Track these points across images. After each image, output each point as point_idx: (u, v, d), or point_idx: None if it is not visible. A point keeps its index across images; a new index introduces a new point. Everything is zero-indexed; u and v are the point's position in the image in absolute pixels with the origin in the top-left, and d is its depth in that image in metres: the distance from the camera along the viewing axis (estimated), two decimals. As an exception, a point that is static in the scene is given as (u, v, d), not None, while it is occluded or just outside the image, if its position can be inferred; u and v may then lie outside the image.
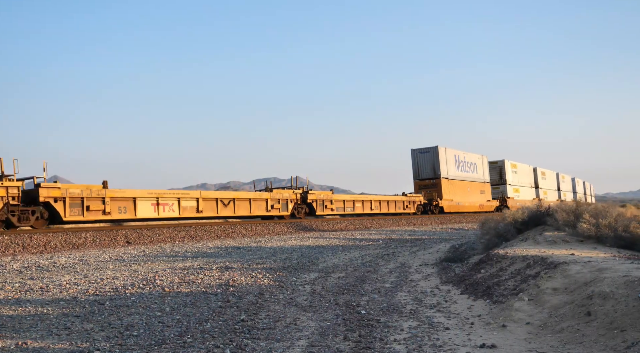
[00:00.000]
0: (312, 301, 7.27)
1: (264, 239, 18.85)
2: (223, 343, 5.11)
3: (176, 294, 7.71)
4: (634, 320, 4.72)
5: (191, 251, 14.35)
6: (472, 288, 7.70)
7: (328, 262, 11.95)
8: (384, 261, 12.09)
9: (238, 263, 11.56)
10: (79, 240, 16.22)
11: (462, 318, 6.13)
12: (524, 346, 4.90)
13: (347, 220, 28.23)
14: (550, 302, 5.89)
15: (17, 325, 5.76)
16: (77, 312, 6.43)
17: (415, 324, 5.86)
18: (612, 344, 4.53)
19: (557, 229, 11.46)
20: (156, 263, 11.63)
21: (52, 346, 4.95)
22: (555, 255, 7.93)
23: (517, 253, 8.64)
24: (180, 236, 18.54)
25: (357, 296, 7.63)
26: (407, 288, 8.38)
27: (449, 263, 11.14)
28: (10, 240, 14.98)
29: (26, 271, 10.23)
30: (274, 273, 10.00)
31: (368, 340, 5.21)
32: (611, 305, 5.15)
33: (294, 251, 14.19)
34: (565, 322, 5.32)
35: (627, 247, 9.45)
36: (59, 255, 13.41)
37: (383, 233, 22.59)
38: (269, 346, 5.03)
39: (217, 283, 8.67)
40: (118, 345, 5.05)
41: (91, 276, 9.49)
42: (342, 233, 22.48)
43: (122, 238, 17.28)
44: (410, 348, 4.92)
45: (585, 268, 6.53)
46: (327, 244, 16.92)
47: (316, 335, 5.43)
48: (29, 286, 8.29)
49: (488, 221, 13.91)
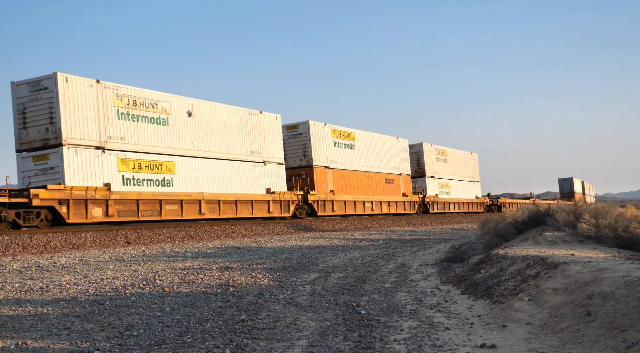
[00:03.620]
0: (312, 302, 7.27)
1: (264, 239, 18.85)
2: (223, 343, 5.11)
3: (176, 294, 7.71)
4: (634, 320, 4.72)
5: (191, 251, 14.35)
6: (472, 288, 7.70)
7: (328, 262, 11.95)
8: (384, 261, 12.09)
9: (238, 263, 11.56)
10: (79, 240, 16.21)
11: (462, 318, 6.13)
12: (524, 346, 4.90)
13: (347, 220, 28.11)
14: (550, 302, 5.89)
15: (17, 325, 5.76)
16: (77, 312, 6.43)
17: (415, 324, 5.86)
18: (612, 344, 4.52)
19: (557, 229, 11.45)
20: (156, 263, 11.63)
21: (52, 346, 4.95)
22: (555, 255, 7.93)
23: (517, 253, 8.64)
24: (180, 236, 18.54)
25: (357, 297, 7.63)
26: (407, 288, 8.38)
27: (449, 263, 11.14)
28: (10, 240, 14.97)
29: (26, 271, 10.23)
30: (274, 273, 10.00)
31: (368, 340, 5.21)
32: (611, 305, 5.15)
33: (294, 252, 14.19)
34: (565, 322, 5.32)
35: (627, 247, 9.45)
36: (59, 255, 13.41)
37: (383, 233, 22.59)
38: (269, 346, 5.03)
39: (217, 283, 8.67)
40: (118, 345, 5.05)
41: (91, 276, 9.48)
42: (342, 233, 22.48)
43: (122, 238, 17.28)
44: (410, 348, 4.92)
45: (585, 268, 6.53)
46: (327, 244, 16.92)
47: (316, 335, 5.43)
48: (29, 286, 8.28)
49: (488, 221, 13.90)
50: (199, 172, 22.51)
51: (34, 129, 18.38)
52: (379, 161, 34.12)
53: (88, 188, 18.11)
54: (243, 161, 24.65)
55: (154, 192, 20.18)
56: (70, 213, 17.67)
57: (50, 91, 18.07)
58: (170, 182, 21.13)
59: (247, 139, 25.07)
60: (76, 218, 17.88)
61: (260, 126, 25.92)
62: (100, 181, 18.83)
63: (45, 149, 18.15)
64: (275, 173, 26.27)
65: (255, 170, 25.21)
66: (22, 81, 18.64)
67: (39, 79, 18.42)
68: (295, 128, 29.29)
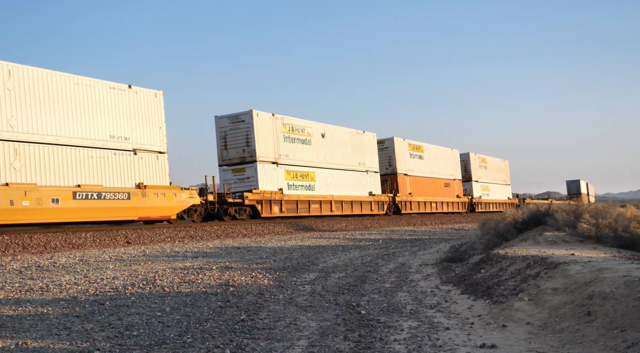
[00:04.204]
0: (312, 301, 7.27)
1: (264, 239, 18.86)
2: (223, 343, 5.11)
3: (176, 294, 7.71)
4: (634, 320, 4.71)
5: (191, 251, 14.35)
6: (472, 288, 7.70)
7: (328, 262, 11.95)
8: (384, 261, 12.09)
9: (238, 263, 11.56)
10: (79, 240, 16.21)
11: (462, 318, 6.13)
12: (524, 346, 4.90)
13: (347, 220, 28.26)
14: (550, 302, 5.89)
15: (17, 325, 5.75)
16: (77, 312, 6.43)
17: (416, 324, 5.86)
18: (612, 344, 4.52)
19: (557, 229, 11.45)
20: (156, 263, 11.63)
21: (52, 346, 4.95)
22: (555, 255, 7.93)
23: (517, 253, 8.64)
24: (180, 236, 18.54)
25: (357, 296, 7.63)
26: (407, 288, 8.38)
27: (449, 263, 11.13)
28: (10, 240, 14.98)
29: (26, 271, 10.23)
30: (274, 273, 10.00)
31: (368, 340, 5.21)
32: (611, 305, 5.15)
33: (294, 251, 14.19)
34: (565, 322, 5.32)
35: (627, 247, 9.45)
36: (59, 255, 13.41)
37: (383, 233, 22.60)
38: (269, 346, 5.03)
39: (217, 283, 8.67)
40: (118, 345, 5.05)
41: (91, 276, 9.48)
42: (342, 233, 22.49)
43: (122, 238, 17.28)
44: (410, 348, 4.92)
45: (585, 268, 6.53)
46: (327, 244, 16.92)
47: (316, 335, 5.43)
48: (29, 286, 8.28)
49: (488, 221, 13.90)
50: (329, 179, 29.83)
51: (233, 150, 25.96)
52: (439, 168, 41.70)
53: (272, 192, 25.63)
54: (353, 171, 31.84)
55: (306, 195, 27.92)
56: (262, 210, 25.12)
57: (247, 123, 25.50)
58: (313, 187, 28.61)
59: (356, 153, 32.21)
60: (265, 213, 25.30)
61: (362, 143, 32.99)
62: (276, 187, 26.09)
63: (243, 164, 25.62)
64: (373, 179, 33.48)
65: (361, 177, 32.47)
66: (223, 115, 26.30)
67: (238, 114, 25.92)
68: (383, 143, 36.69)
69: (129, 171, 19.78)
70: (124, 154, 19.70)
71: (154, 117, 21.10)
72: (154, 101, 21.18)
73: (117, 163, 19.41)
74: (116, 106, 19.72)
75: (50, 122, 17.86)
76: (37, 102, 17.62)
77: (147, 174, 20.36)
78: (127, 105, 20.12)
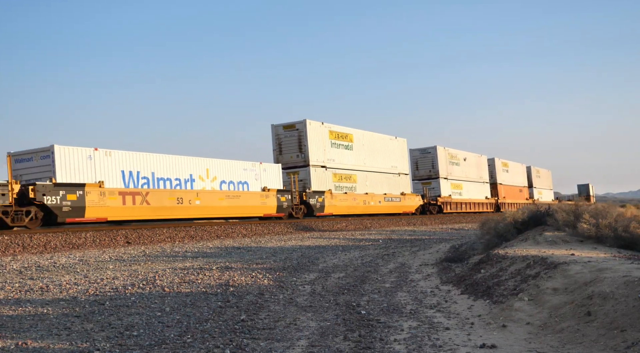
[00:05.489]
0: (312, 302, 7.27)
1: (264, 239, 18.86)
2: (223, 343, 5.11)
3: (176, 294, 7.71)
4: (634, 320, 4.71)
5: (191, 251, 14.35)
6: (472, 288, 7.70)
7: (328, 262, 11.95)
8: (384, 261, 12.09)
9: (238, 263, 11.56)
10: (79, 240, 16.21)
11: (462, 318, 6.13)
12: (524, 346, 4.90)
13: (347, 220, 28.38)
14: (550, 302, 5.89)
15: (17, 325, 5.76)
16: (77, 312, 6.43)
17: (415, 324, 5.86)
18: (612, 344, 4.52)
19: (557, 229, 11.45)
20: (156, 263, 11.63)
21: (52, 346, 4.95)
22: (555, 255, 7.93)
23: (517, 253, 8.64)
24: (180, 236, 18.54)
25: (357, 297, 7.63)
26: (407, 288, 8.38)
27: (449, 263, 11.13)
28: (10, 240, 14.98)
29: (26, 271, 10.23)
30: (274, 273, 10.00)
31: (368, 340, 5.21)
32: (611, 305, 5.15)
33: (294, 251, 14.19)
34: (565, 322, 5.32)
35: (627, 247, 9.45)
36: (59, 255, 13.41)
37: (383, 233, 22.59)
38: (269, 346, 5.03)
39: (217, 283, 8.67)
40: (118, 345, 5.05)
41: (91, 276, 9.48)
42: (342, 233, 22.49)
43: (122, 238, 17.28)
44: (410, 348, 4.92)
45: (585, 268, 6.53)
46: (327, 244, 16.92)
47: (316, 335, 5.43)
48: (29, 286, 8.28)
49: (488, 222, 13.90)
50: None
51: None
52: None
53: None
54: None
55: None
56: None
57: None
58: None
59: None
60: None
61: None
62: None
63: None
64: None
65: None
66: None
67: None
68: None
69: (396, 185, 35.94)
70: (394, 176, 35.92)
71: (405, 154, 37.83)
72: (403, 144, 37.78)
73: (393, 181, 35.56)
74: (389, 148, 35.81)
75: (373, 159, 34.01)
76: (368, 150, 33.88)
77: (406, 186, 37.35)
78: (392, 147, 36.35)
